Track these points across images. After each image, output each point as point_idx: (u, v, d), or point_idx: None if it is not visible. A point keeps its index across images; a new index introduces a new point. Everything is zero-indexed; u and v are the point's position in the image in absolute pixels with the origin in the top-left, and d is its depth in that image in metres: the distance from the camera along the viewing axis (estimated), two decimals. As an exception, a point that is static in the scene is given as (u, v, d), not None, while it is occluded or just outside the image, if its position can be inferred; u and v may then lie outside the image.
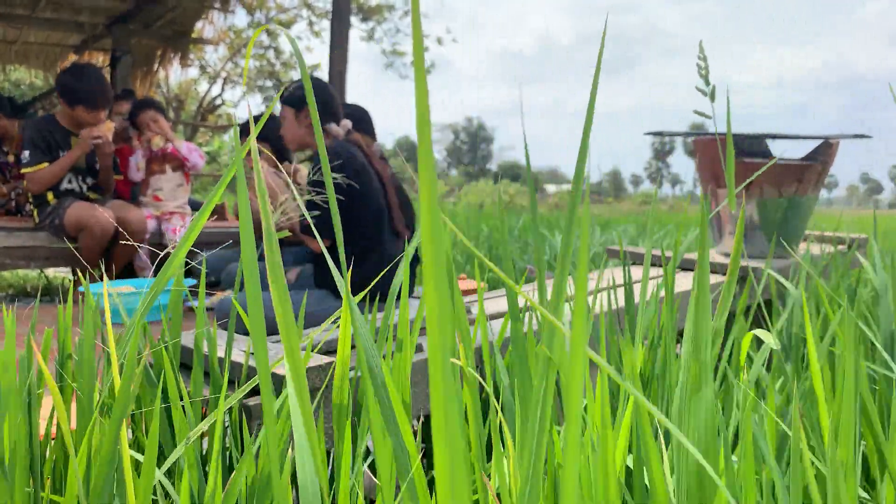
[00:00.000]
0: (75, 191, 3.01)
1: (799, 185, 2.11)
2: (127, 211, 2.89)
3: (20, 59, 6.37)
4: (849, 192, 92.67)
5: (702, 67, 0.79)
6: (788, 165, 2.11)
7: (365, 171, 2.18)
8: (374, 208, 2.19)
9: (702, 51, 0.81)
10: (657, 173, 70.72)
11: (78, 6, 5.15)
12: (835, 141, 2.15)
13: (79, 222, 2.76)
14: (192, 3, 5.26)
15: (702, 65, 0.80)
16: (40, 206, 2.94)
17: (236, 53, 12.82)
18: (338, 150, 2.14)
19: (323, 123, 2.27)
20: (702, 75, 0.80)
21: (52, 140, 2.91)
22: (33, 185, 2.87)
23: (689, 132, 2.21)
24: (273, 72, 13.48)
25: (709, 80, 0.78)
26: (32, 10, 5.13)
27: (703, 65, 0.80)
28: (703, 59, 0.80)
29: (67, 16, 5.32)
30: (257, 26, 12.53)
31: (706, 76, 0.79)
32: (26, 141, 2.89)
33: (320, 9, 12.53)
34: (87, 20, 5.36)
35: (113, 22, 5.38)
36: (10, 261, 2.81)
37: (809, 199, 2.16)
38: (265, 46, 13.17)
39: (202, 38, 6.14)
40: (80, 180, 3.04)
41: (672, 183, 71.44)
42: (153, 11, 5.27)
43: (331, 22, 4.55)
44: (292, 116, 2.28)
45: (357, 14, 13.08)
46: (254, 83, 14.01)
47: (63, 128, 2.95)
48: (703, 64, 0.80)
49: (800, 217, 2.17)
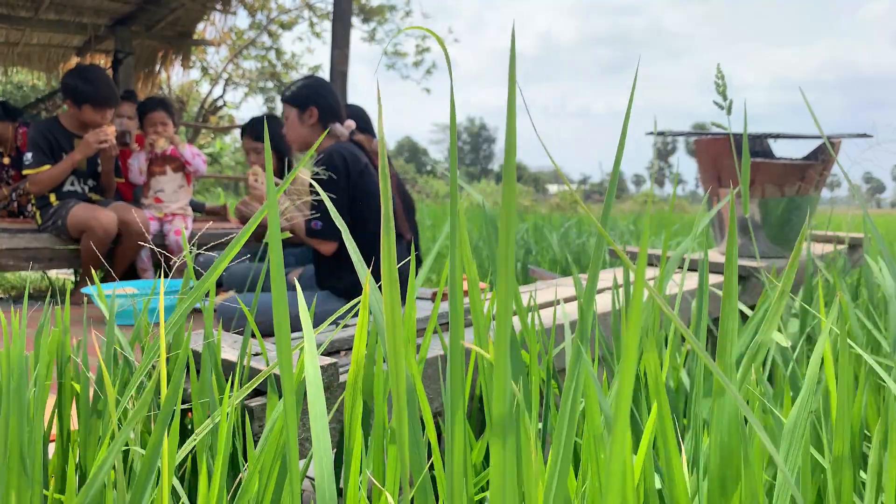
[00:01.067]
0: (78, 192, 3.02)
1: (801, 185, 2.11)
2: (129, 212, 2.89)
3: (23, 61, 6.38)
4: (851, 191, 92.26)
5: (719, 85, 0.88)
6: (790, 165, 2.11)
7: (368, 173, 2.18)
8: (377, 210, 2.19)
9: (719, 71, 0.90)
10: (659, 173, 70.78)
11: (80, 8, 5.16)
12: (836, 140, 2.15)
13: (81, 224, 2.77)
14: (193, 5, 5.26)
15: (719, 83, 0.88)
16: (43, 208, 2.95)
17: (238, 55, 12.83)
18: (341, 151, 2.14)
19: (327, 124, 2.27)
20: (719, 92, 0.89)
21: (55, 142, 2.92)
22: (34, 186, 2.89)
23: (690, 132, 2.21)
24: (274, 73, 13.49)
25: (726, 96, 0.90)
26: (35, 12, 5.14)
27: (721, 83, 0.88)
28: (721, 77, 0.89)
29: (70, 17, 5.33)
30: (259, 27, 12.53)
31: (724, 92, 0.88)
32: (29, 142, 2.91)
33: (322, 10, 12.53)
34: (90, 22, 5.37)
35: (115, 23, 5.39)
36: (13, 262, 2.82)
37: (811, 199, 2.16)
38: (266, 48, 13.18)
39: (204, 39, 6.15)
40: (83, 182, 3.05)
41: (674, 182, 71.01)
42: (155, 13, 5.29)
43: (332, 23, 4.55)
44: (296, 117, 2.27)
45: (358, 15, 13.09)
46: (255, 84, 14.02)
47: (66, 130, 2.96)
48: (721, 82, 0.88)
49: (801, 217, 2.17)
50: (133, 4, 5.14)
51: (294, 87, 2.31)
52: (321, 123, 2.26)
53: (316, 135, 2.27)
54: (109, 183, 3.16)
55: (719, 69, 0.89)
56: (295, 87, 2.31)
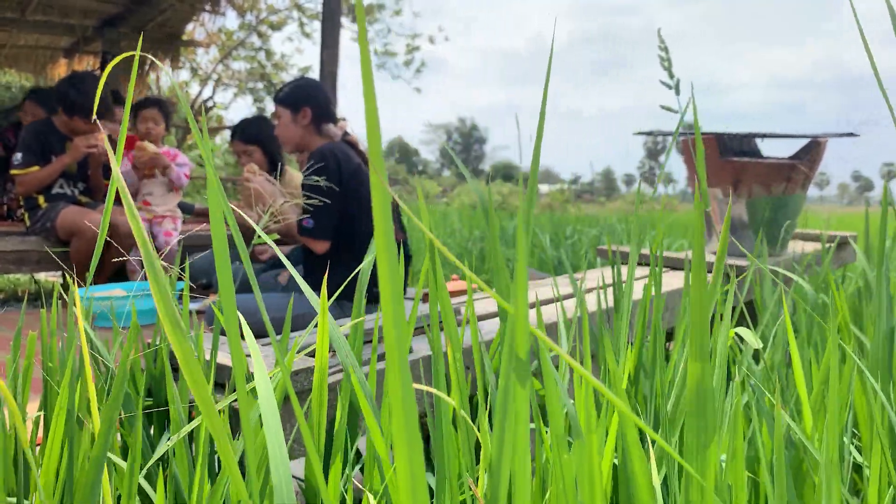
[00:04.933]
0: (67, 195, 3.01)
1: (787, 184, 2.13)
2: (118, 215, 2.88)
3: (10, 62, 6.34)
4: (840, 189, 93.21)
5: (664, 59, 0.71)
6: (776, 164, 2.12)
7: (361, 173, 2.19)
8: (367, 210, 2.20)
9: (662, 41, 0.72)
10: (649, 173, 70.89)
11: (68, 9, 5.13)
12: (823, 140, 2.17)
13: (70, 227, 2.76)
14: (182, 6, 5.25)
15: (664, 56, 0.71)
16: (31, 210, 2.93)
17: (227, 55, 12.79)
18: (334, 151, 2.14)
19: (320, 125, 2.27)
20: (665, 67, 0.72)
21: (48, 144, 2.91)
22: (21, 187, 2.88)
23: (676, 132, 2.23)
24: (264, 73, 13.45)
25: (672, 73, 0.71)
26: (22, 13, 5.11)
27: (665, 55, 0.71)
28: (665, 49, 0.72)
29: (57, 19, 5.30)
30: (248, 28, 12.50)
31: (669, 68, 0.71)
32: (20, 142, 2.90)
33: (311, 10, 12.52)
34: (78, 23, 5.35)
35: (103, 25, 5.36)
36: (1, 265, 2.81)
37: (798, 198, 2.18)
38: (256, 48, 13.15)
39: (193, 40, 6.13)
40: (72, 185, 3.04)
41: (664, 182, 71.60)
42: (144, 14, 5.27)
43: (321, 23, 4.55)
44: (289, 118, 2.28)
45: (348, 15, 13.08)
46: (245, 85, 13.98)
47: (60, 133, 2.95)
48: (665, 55, 0.71)
49: (788, 216, 2.19)
50: (121, 6, 5.12)
51: (286, 89, 2.31)
52: (314, 124, 2.27)
53: (309, 135, 2.28)
54: (98, 185, 3.15)
55: (661, 37, 0.71)
56: (287, 88, 2.31)
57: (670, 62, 0.71)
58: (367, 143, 0.27)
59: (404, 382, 0.28)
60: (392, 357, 0.28)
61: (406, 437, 0.28)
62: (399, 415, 0.28)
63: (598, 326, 1.09)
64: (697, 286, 0.46)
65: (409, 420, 0.28)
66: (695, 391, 0.49)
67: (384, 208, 0.27)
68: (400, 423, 0.28)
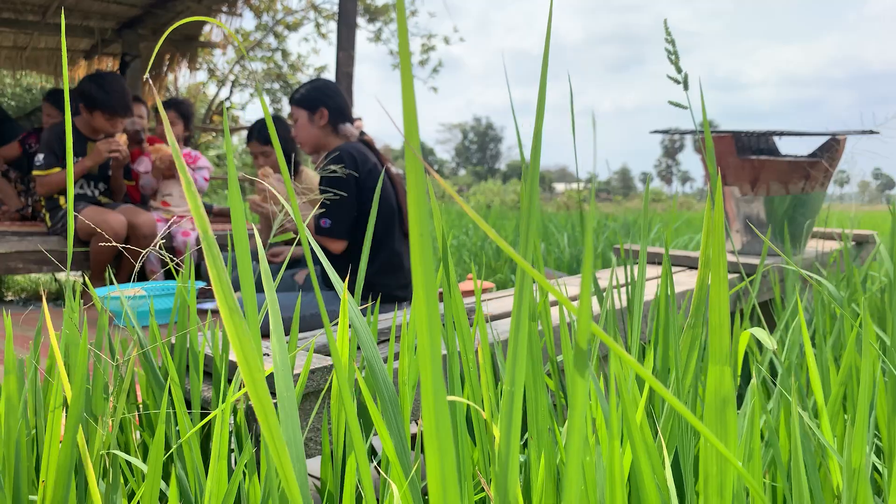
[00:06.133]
0: (88, 196, 3.04)
1: (806, 182, 2.11)
2: (137, 215, 2.92)
3: (31, 64, 6.43)
4: (861, 188, 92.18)
5: (671, 52, 0.68)
6: (795, 162, 2.10)
7: (376, 172, 2.20)
8: (383, 209, 2.21)
9: (668, 33, 0.68)
10: (666, 171, 70.34)
11: (87, 12, 5.20)
12: (842, 137, 2.14)
13: (90, 227, 2.80)
14: (200, 8, 5.29)
15: (670, 49, 0.68)
16: (52, 211, 2.97)
17: (244, 57, 12.87)
18: (351, 151, 2.15)
19: (337, 125, 2.29)
20: (672, 61, 0.68)
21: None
22: (42, 187, 2.92)
23: (694, 130, 2.21)
24: (280, 74, 13.53)
25: (679, 67, 0.67)
26: (43, 16, 5.18)
27: (672, 49, 0.68)
28: (671, 42, 0.68)
29: (77, 21, 5.37)
30: (265, 29, 12.57)
31: (676, 62, 0.68)
32: (43, 143, 2.94)
33: (327, 10, 12.56)
34: (97, 25, 5.41)
35: (122, 27, 5.43)
36: (22, 265, 2.85)
37: (817, 196, 2.16)
38: (272, 49, 13.22)
39: (210, 41, 6.18)
40: (93, 186, 3.08)
41: (682, 180, 71.10)
42: (162, 16, 5.32)
43: (337, 24, 4.57)
44: (306, 118, 2.29)
45: (364, 15, 13.11)
46: (261, 85, 14.05)
47: (81, 134, 2.99)
48: (672, 48, 0.68)
49: (807, 214, 2.16)
50: (140, 8, 5.17)
51: (303, 90, 2.32)
52: (331, 124, 2.28)
53: (326, 136, 2.29)
54: (119, 186, 3.18)
55: (667, 28, 0.67)
56: (304, 89, 2.33)
57: (677, 55, 0.69)
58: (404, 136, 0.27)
59: (436, 388, 0.28)
60: (425, 359, 0.29)
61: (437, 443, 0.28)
62: (430, 420, 0.28)
63: (612, 327, 1.09)
64: (716, 288, 0.46)
65: (440, 426, 0.28)
66: (713, 394, 0.48)
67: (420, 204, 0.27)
68: (431, 429, 0.28)
